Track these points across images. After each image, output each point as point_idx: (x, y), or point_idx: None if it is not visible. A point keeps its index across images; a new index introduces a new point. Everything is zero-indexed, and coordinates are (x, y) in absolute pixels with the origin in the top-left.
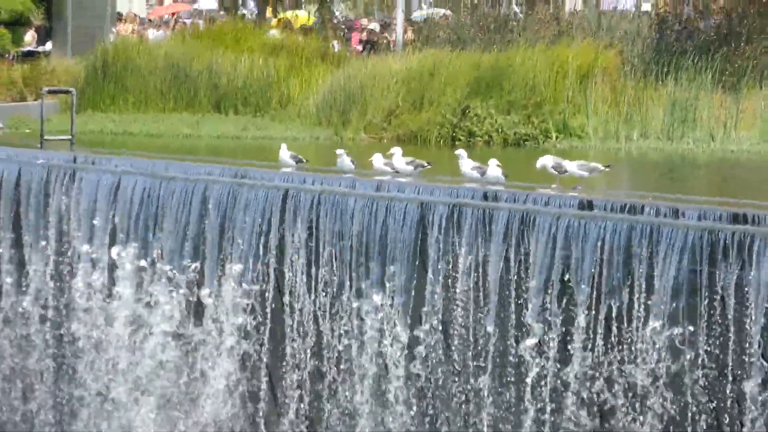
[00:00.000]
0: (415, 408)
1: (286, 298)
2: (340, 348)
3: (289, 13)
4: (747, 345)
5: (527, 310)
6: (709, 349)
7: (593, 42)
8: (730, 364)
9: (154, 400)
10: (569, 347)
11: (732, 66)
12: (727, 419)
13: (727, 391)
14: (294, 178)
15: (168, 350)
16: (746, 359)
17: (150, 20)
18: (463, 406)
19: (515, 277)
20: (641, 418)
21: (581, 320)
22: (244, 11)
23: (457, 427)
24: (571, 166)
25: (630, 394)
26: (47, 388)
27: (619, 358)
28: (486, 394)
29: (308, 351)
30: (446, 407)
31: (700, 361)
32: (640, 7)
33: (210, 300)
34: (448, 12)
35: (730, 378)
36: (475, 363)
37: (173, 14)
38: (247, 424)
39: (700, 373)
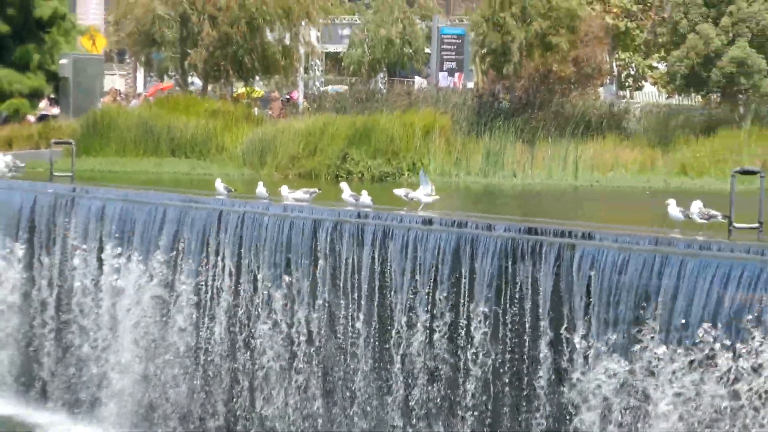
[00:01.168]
0: (315, 365)
1: (224, 285)
2: (256, 321)
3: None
4: (540, 317)
5: (390, 296)
6: (512, 320)
7: (433, 109)
8: (527, 330)
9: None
10: (417, 320)
11: (528, 126)
12: (525, 370)
13: (525, 350)
14: (226, 202)
15: (139, 309)
16: (539, 326)
17: (126, 94)
18: (343, 365)
19: (380, 273)
20: (474, 368)
21: (427, 300)
22: (193, 87)
23: (341, 382)
24: (417, 195)
25: (460, 355)
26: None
27: (461, 325)
28: (361, 358)
29: (251, 326)
30: (332, 366)
31: (506, 330)
32: (465, 85)
33: (169, 284)
34: (338, 87)
35: (527, 340)
36: (352, 333)
37: (157, 90)
38: None
39: (507, 337)
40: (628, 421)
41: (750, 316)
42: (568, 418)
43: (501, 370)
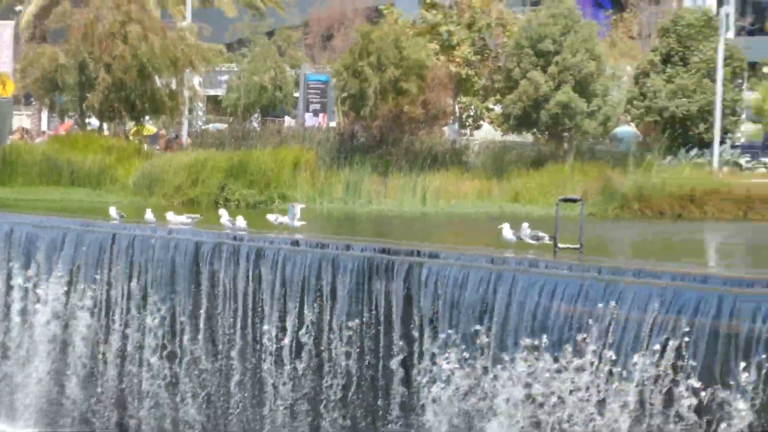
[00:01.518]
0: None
1: (116, 300)
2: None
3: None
4: (393, 327)
5: (263, 305)
6: (369, 331)
7: (300, 146)
8: (381, 339)
9: None
10: (286, 331)
11: (382, 160)
12: (380, 375)
13: (380, 356)
14: (118, 226)
15: (46, 318)
16: (392, 335)
17: (32, 133)
18: (220, 371)
19: (254, 287)
20: (337, 371)
21: (295, 311)
22: (90, 126)
23: (218, 381)
24: (285, 220)
25: (326, 359)
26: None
27: (324, 334)
28: (236, 363)
29: (128, 335)
30: (208, 370)
31: (364, 339)
32: (328, 124)
33: (68, 296)
34: (218, 126)
35: (382, 347)
36: (228, 339)
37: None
38: None
39: (365, 345)
40: (466, 420)
41: (572, 327)
42: (415, 418)
43: (360, 374)
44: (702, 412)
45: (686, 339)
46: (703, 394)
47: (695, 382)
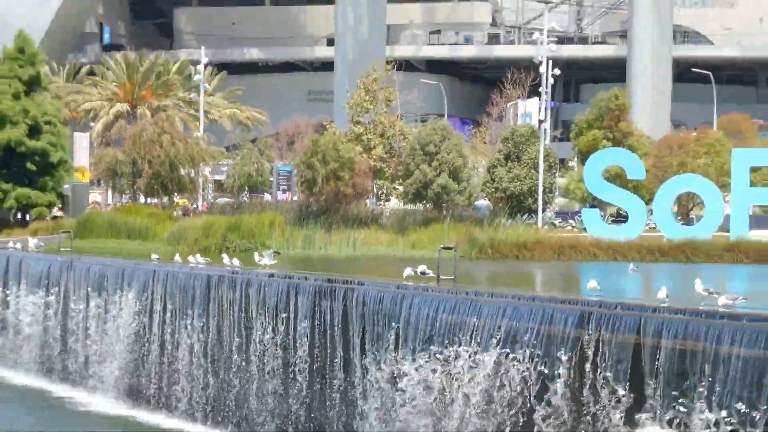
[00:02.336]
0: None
1: (157, 310)
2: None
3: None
4: (335, 335)
5: (251, 315)
6: (320, 337)
7: (274, 213)
8: (328, 345)
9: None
10: (264, 335)
11: (328, 221)
12: (328, 371)
13: (327, 358)
14: (158, 265)
15: (117, 323)
16: (335, 341)
17: (101, 204)
18: (226, 358)
19: (244, 306)
20: (299, 359)
21: (272, 320)
22: (139, 200)
23: (224, 365)
24: (264, 260)
25: (292, 351)
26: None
27: (290, 338)
28: (235, 354)
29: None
30: (216, 359)
31: (317, 344)
32: (292, 198)
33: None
34: (223, 200)
35: (329, 351)
36: (229, 337)
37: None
38: None
39: (317, 348)
40: (384, 411)
41: (451, 331)
42: (352, 392)
43: (315, 370)
44: (527, 383)
45: (525, 337)
46: (533, 372)
47: (529, 365)
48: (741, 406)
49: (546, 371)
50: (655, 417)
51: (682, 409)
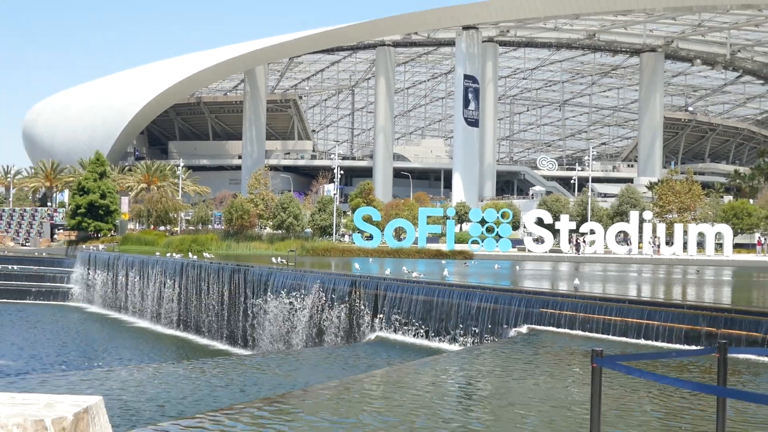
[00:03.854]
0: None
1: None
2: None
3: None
4: (241, 294)
5: (246, 290)
6: (229, 296)
7: (213, 234)
8: (236, 299)
9: None
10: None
11: (237, 238)
12: (235, 311)
13: (236, 304)
14: (170, 259)
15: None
16: (240, 298)
17: (134, 230)
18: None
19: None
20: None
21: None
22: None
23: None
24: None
25: (215, 304)
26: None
27: (216, 294)
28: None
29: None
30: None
31: (229, 298)
32: (221, 226)
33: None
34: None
35: (236, 301)
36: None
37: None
38: None
39: (229, 302)
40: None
41: (295, 288)
42: (246, 322)
43: (229, 304)
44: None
45: (325, 292)
46: (329, 307)
47: (326, 304)
48: (417, 323)
49: (337, 309)
50: (381, 326)
51: (394, 321)
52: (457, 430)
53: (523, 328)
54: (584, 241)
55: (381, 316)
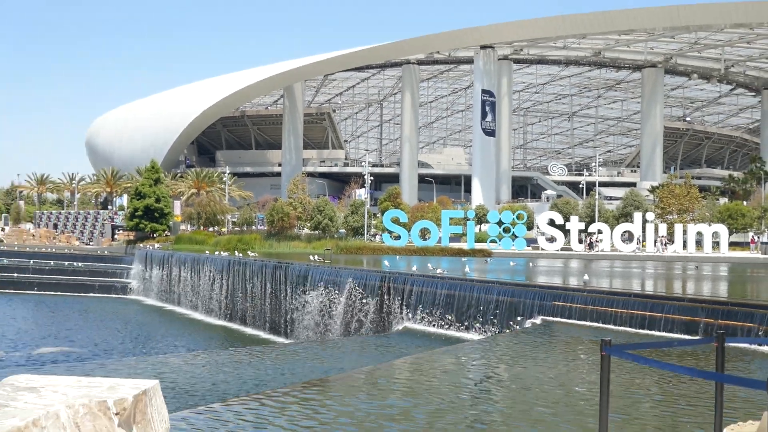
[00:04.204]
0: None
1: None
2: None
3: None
4: (281, 287)
5: (287, 285)
6: (273, 288)
7: (257, 234)
8: (279, 291)
9: None
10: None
11: (279, 238)
12: (278, 303)
13: (279, 296)
14: (222, 257)
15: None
16: (281, 290)
17: (186, 230)
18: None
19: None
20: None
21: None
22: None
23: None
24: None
25: (259, 295)
26: None
27: (260, 287)
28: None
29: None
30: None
31: (272, 290)
32: (264, 227)
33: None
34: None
35: (279, 293)
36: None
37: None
38: None
39: (273, 294)
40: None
41: (335, 283)
42: (287, 314)
43: (273, 296)
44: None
45: (359, 285)
46: (362, 299)
47: (361, 297)
48: (441, 314)
49: (369, 301)
50: (408, 317)
51: (420, 313)
52: (478, 410)
53: (538, 320)
54: (598, 240)
55: (408, 308)
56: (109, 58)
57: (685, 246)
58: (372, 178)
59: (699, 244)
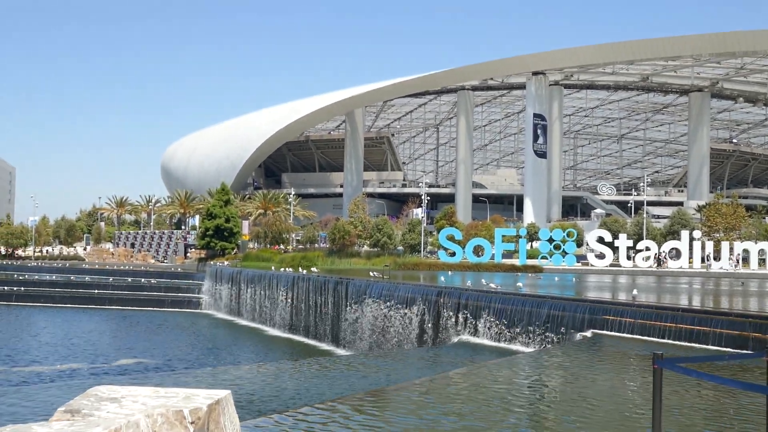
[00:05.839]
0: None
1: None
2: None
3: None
4: (342, 300)
5: (344, 297)
6: (334, 301)
7: (320, 251)
8: (340, 304)
9: None
10: (352, 301)
11: (340, 255)
12: (339, 315)
13: (340, 309)
14: (287, 273)
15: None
16: (342, 303)
17: (254, 248)
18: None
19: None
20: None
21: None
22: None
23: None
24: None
25: (315, 308)
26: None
27: (321, 300)
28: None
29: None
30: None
31: (333, 303)
32: (326, 244)
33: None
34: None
35: (341, 306)
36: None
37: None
38: None
39: (334, 306)
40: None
41: (392, 296)
42: (346, 325)
43: (334, 306)
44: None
45: (417, 300)
46: (421, 314)
47: (422, 312)
48: (495, 327)
49: (426, 315)
50: (463, 330)
51: (475, 326)
52: (532, 419)
53: (588, 333)
54: (667, 257)
55: (463, 321)
56: (182, 89)
57: (738, 263)
58: (428, 198)
59: (745, 261)
